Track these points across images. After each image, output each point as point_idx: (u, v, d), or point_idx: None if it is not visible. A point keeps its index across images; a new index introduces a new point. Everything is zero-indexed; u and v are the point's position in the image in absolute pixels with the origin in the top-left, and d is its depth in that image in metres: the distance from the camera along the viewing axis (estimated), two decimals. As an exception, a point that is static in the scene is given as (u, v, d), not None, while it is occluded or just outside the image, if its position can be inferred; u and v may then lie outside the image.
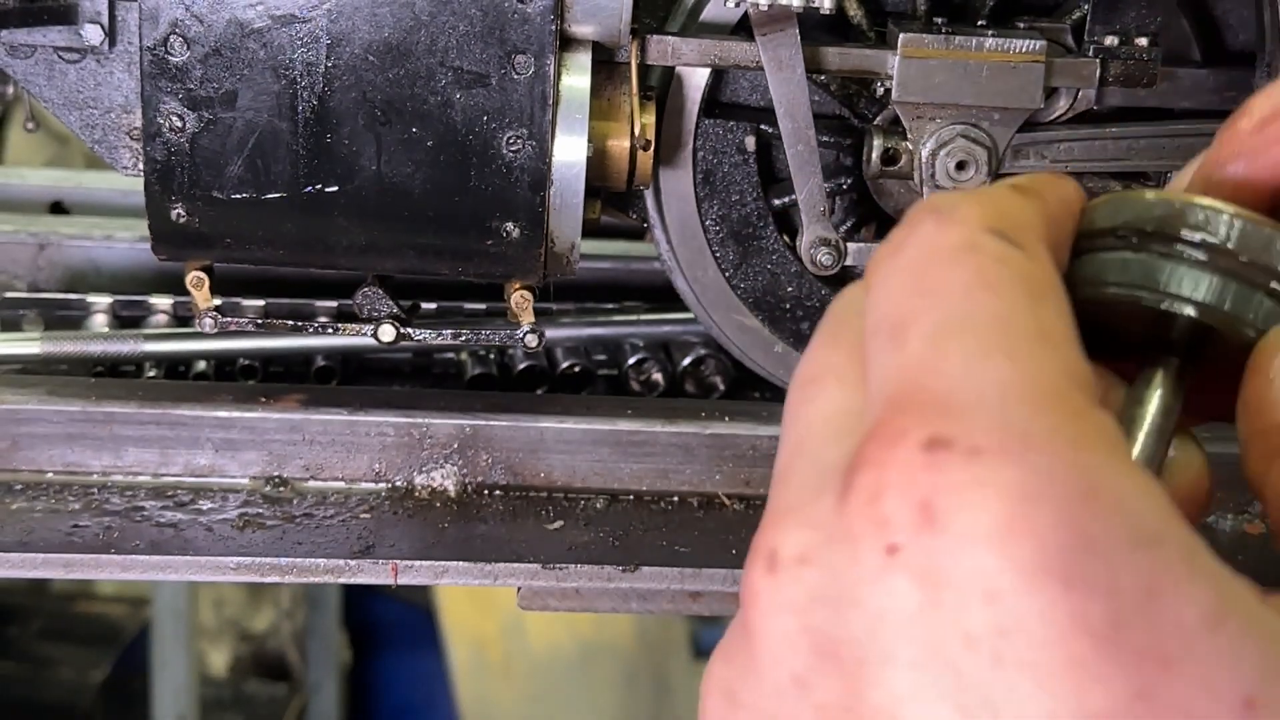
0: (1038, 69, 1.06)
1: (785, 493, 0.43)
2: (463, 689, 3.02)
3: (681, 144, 1.12)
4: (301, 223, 1.03)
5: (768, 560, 0.41)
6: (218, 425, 1.12)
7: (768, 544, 0.41)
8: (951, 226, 0.43)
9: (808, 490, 0.42)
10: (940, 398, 0.39)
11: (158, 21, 0.98)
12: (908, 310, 0.42)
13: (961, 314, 0.41)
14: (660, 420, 1.16)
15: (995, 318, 0.40)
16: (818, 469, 0.42)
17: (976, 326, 0.40)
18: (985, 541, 0.37)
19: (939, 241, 0.43)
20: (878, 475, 0.38)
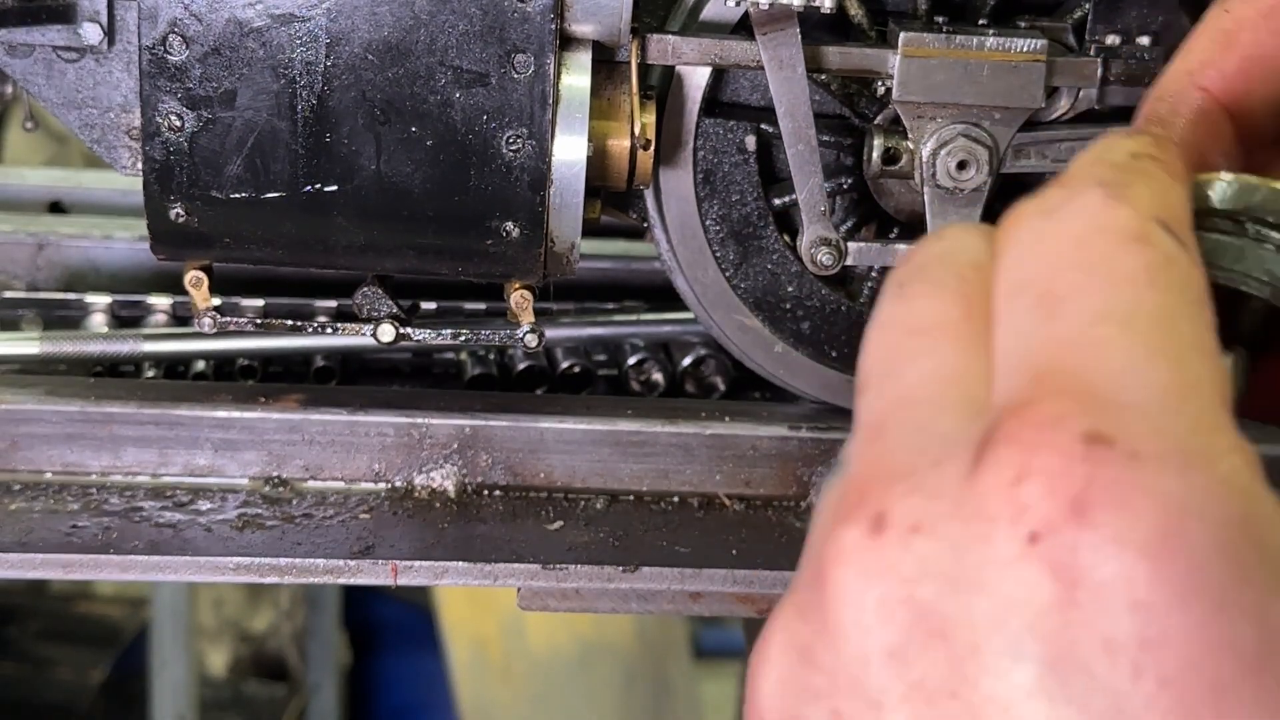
0: (1039, 68, 1.06)
1: (888, 453, 0.40)
2: (462, 689, 3.02)
3: (682, 143, 1.12)
4: (301, 222, 1.02)
5: (874, 522, 0.39)
6: (217, 425, 1.12)
7: (873, 505, 0.39)
8: (1122, 208, 0.41)
9: (923, 456, 0.40)
10: (1103, 390, 0.37)
11: (157, 20, 0.98)
12: (1066, 283, 0.40)
13: (1128, 305, 0.39)
14: (660, 420, 1.15)
15: (1161, 319, 0.39)
16: (935, 435, 0.40)
17: (1143, 323, 0.39)
18: (1139, 550, 0.36)
19: (1108, 221, 0.41)
20: (1026, 458, 0.37)
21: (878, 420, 0.42)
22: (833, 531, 0.40)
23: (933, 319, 0.43)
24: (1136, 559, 0.36)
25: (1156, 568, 0.35)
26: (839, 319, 1.17)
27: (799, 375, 1.18)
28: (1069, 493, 0.36)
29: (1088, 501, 0.36)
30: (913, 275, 0.44)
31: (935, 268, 0.44)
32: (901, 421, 0.41)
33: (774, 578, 1.07)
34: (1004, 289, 0.42)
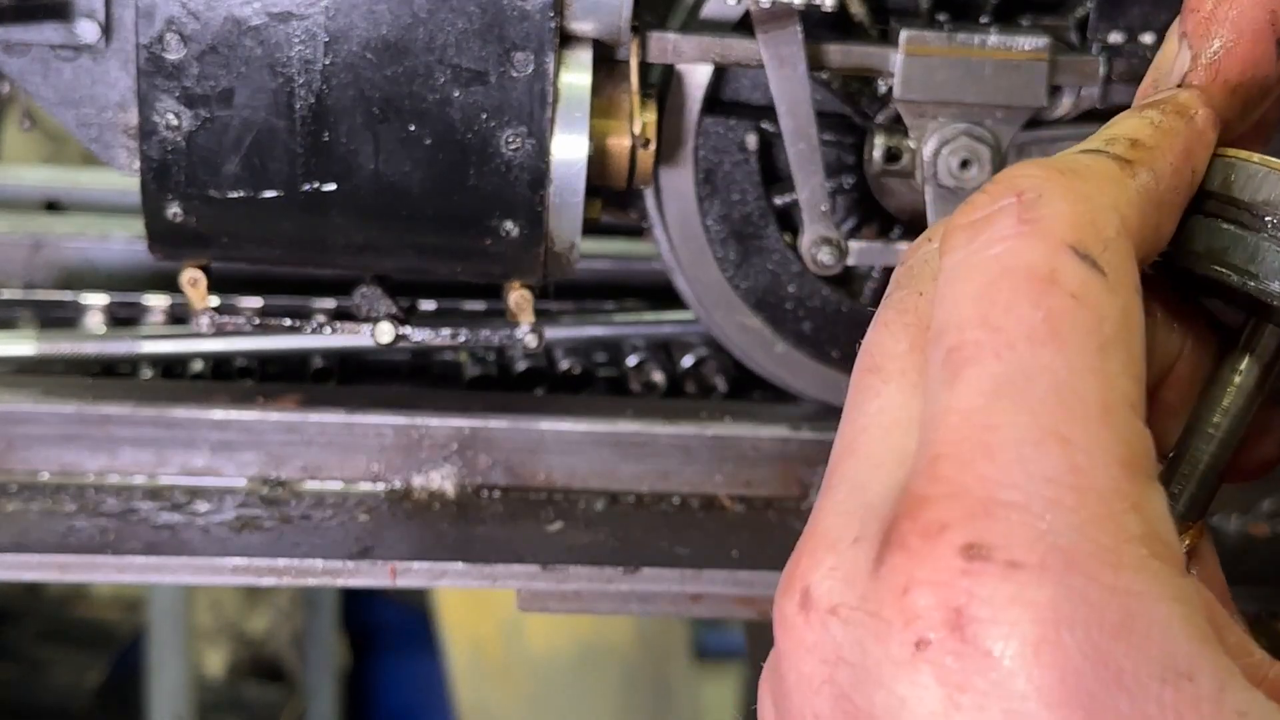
0: (1041, 66, 1.06)
1: (827, 514, 0.43)
2: (461, 691, 3.01)
3: (682, 142, 1.11)
4: (299, 221, 1.02)
5: (802, 596, 0.42)
6: (214, 426, 1.11)
7: (804, 575, 0.42)
8: (1032, 239, 0.41)
9: (848, 525, 0.42)
10: (988, 488, 0.38)
11: (153, 18, 0.98)
12: (969, 341, 0.41)
13: (1023, 372, 0.40)
14: (660, 420, 1.15)
15: (1057, 386, 0.39)
16: (862, 500, 0.42)
17: (1037, 395, 0.39)
18: (1013, 661, 0.37)
19: (1015, 258, 0.41)
20: (912, 567, 0.39)
21: (832, 465, 0.45)
22: (777, 600, 0.44)
23: (884, 354, 0.45)
24: (1011, 670, 0.37)
25: (1029, 678, 0.37)
26: (840, 319, 1.17)
27: (800, 375, 1.17)
28: (951, 605, 0.38)
29: (966, 614, 0.38)
30: (893, 288, 0.46)
31: (905, 280, 0.46)
32: (844, 475, 0.44)
33: (774, 579, 1.06)
34: (933, 332, 0.43)
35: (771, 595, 1.07)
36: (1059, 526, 0.38)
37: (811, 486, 1.15)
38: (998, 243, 0.42)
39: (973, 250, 0.42)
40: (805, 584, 0.42)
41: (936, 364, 0.41)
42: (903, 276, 0.46)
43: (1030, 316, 0.40)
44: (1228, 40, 0.50)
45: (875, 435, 0.43)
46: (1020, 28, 1.08)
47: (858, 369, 0.45)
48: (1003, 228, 0.42)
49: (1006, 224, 0.42)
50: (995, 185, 0.43)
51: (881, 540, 0.40)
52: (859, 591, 0.40)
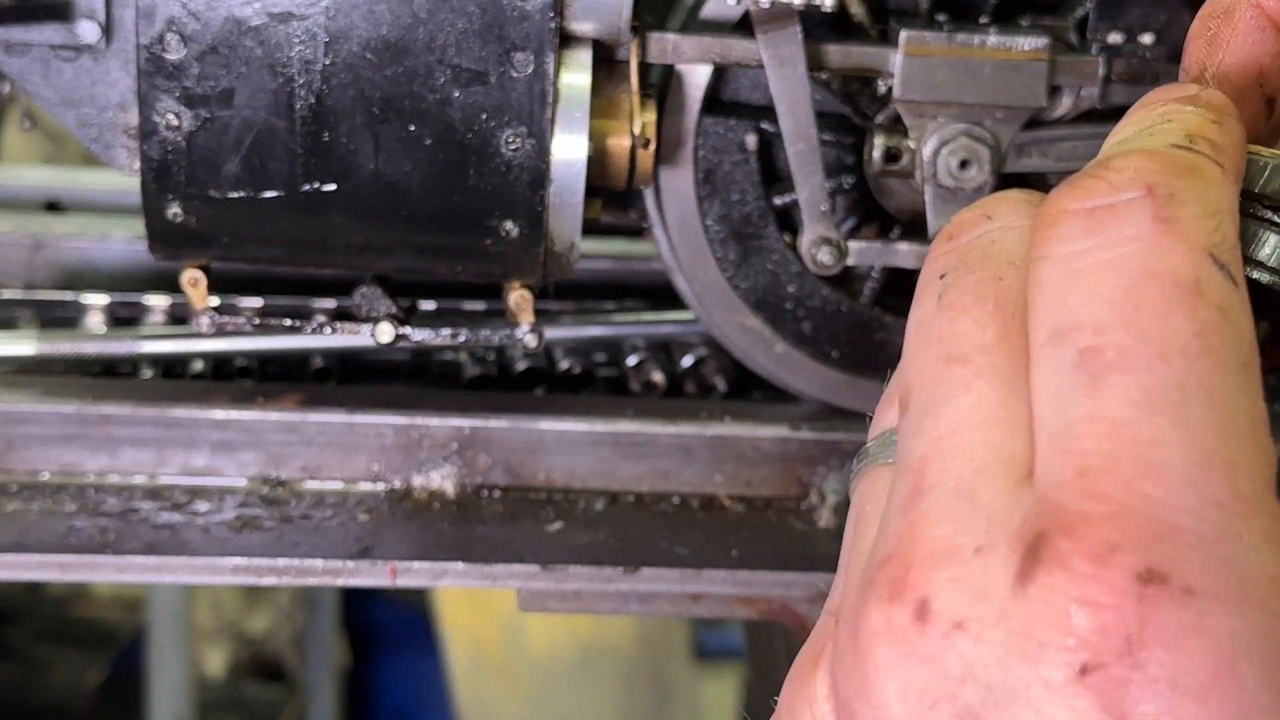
0: (1041, 67, 1.06)
1: (930, 524, 0.40)
2: (461, 691, 3.01)
3: (682, 143, 1.11)
4: (299, 221, 1.02)
5: (918, 607, 0.39)
6: (214, 426, 1.11)
7: (918, 585, 0.40)
8: (1174, 242, 0.39)
9: (965, 535, 0.40)
10: (1155, 512, 0.37)
11: (154, 19, 0.98)
12: (1112, 344, 0.38)
13: (1180, 388, 0.38)
14: (660, 420, 1.15)
15: (1215, 404, 0.38)
16: (978, 507, 0.40)
17: (1196, 414, 0.38)
18: (1189, 692, 0.36)
19: (1159, 261, 0.39)
20: (1079, 589, 0.37)
21: (918, 467, 0.42)
22: (875, 607, 0.41)
23: (969, 343, 0.42)
24: (1186, 700, 0.36)
25: (1205, 709, 0.36)
26: (840, 319, 1.17)
27: (799, 375, 1.17)
28: (1123, 631, 0.36)
29: (1141, 640, 0.36)
30: (954, 267, 0.43)
31: (976, 262, 0.43)
32: (941, 478, 0.41)
33: (774, 579, 1.07)
34: (1044, 326, 0.40)
35: (771, 595, 1.07)
36: (1233, 556, 0.37)
37: (812, 486, 1.15)
38: (1131, 241, 0.39)
39: (1099, 244, 0.39)
40: (922, 595, 0.39)
41: (1064, 366, 0.39)
42: (969, 256, 0.43)
43: (1183, 329, 0.38)
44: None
45: (973, 435, 0.41)
46: (1020, 28, 1.08)
47: (935, 358, 0.42)
48: (1135, 224, 0.39)
49: (1139, 221, 0.39)
50: (1115, 173, 0.41)
51: (1026, 555, 0.38)
52: (997, 608, 0.38)
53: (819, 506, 1.14)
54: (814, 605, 1.07)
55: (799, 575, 1.07)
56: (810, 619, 1.07)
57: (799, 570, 1.07)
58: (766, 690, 1.38)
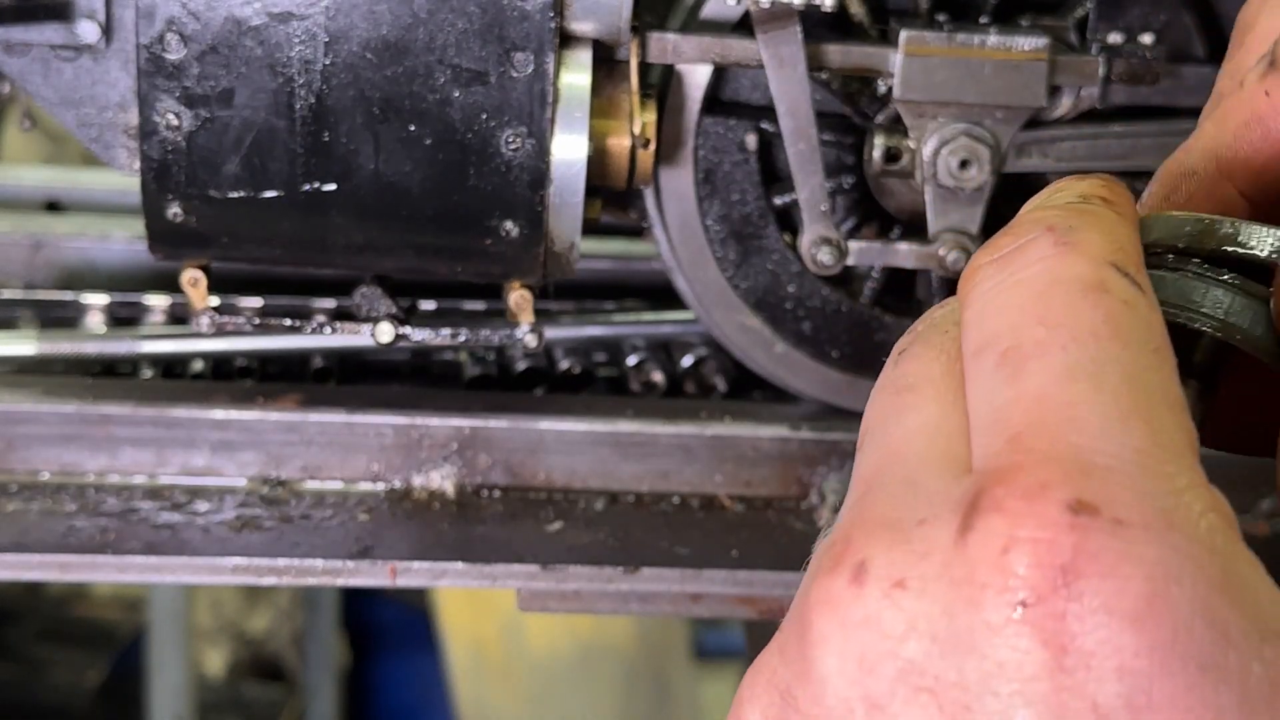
0: (1041, 67, 1.06)
1: (874, 505, 0.42)
2: (461, 691, 3.01)
3: (682, 142, 1.11)
4: (299, 221, 1.02)
5: (854, 571, 0.40)
6: (214, 426, 1.11)
7: (855, 553, 0.41)
8: (1076, 255, 0.42)
9: (908, 509, 0.41)
10: (1082, 453, 0.39)
11: (154, 18, 0.98)
12: (1028, 339, 0.41)
13: (1095, 360, 0.40)
14: (660, 420, 1.15)
15: (1129, 374, 0.40)
16: (921, 491, 0.41)
17: (1112, 379, 0.40)
18: (1126, 617, 0.37)
19: (1063, 270, 0.42)
20: (1013, 526, 0.38)
21: (868, 475, 0.44)
22: (816, 579, 0.42)
23: (917, 376, 0.45)
24: (1123, 626, 0.37)
25: (1143, 634, 0.37)
26: (840, 319, 1.17)
27: (799, 375, 1.17)
28: (1056, 562, 0.37)
29: (1075, 570, 0.37)
30: (909, 341, 0.47)
31: (925, 328, 0.47)
32: (888, 476, 0.43)
33: (774, 579, 1.07)
34: (970, 346, 0.43)
35: (771, 595, 1.08)
36: (1157, 491, 0.38)
37: (811, 486, 1.15)
38: (1036, 263, 0.42)
39: (1010, 273, 0.43)
40: (860, 558, 0.40)
41: (988, 368, 0.41)
42: (920, 329, 0.47)
43: (1091, 315, 0.41)
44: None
45: (921, 442, 0.43)
46: (1020, 28, 1.08)
47: (885, 392, 0.45)
48: (1039, 250, 0.43)
49: (1043, 247, 0.43)
50: (1019, 226, 0.44)
51: (965, 513, 0.39)
52: (937, 562, 0.39)
53: (819, 506, 1.14)
54: (814, 605, 1.07)
55: (799, 575, 1.07)
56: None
57: (799, 570, 1.07)
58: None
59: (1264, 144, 0.50)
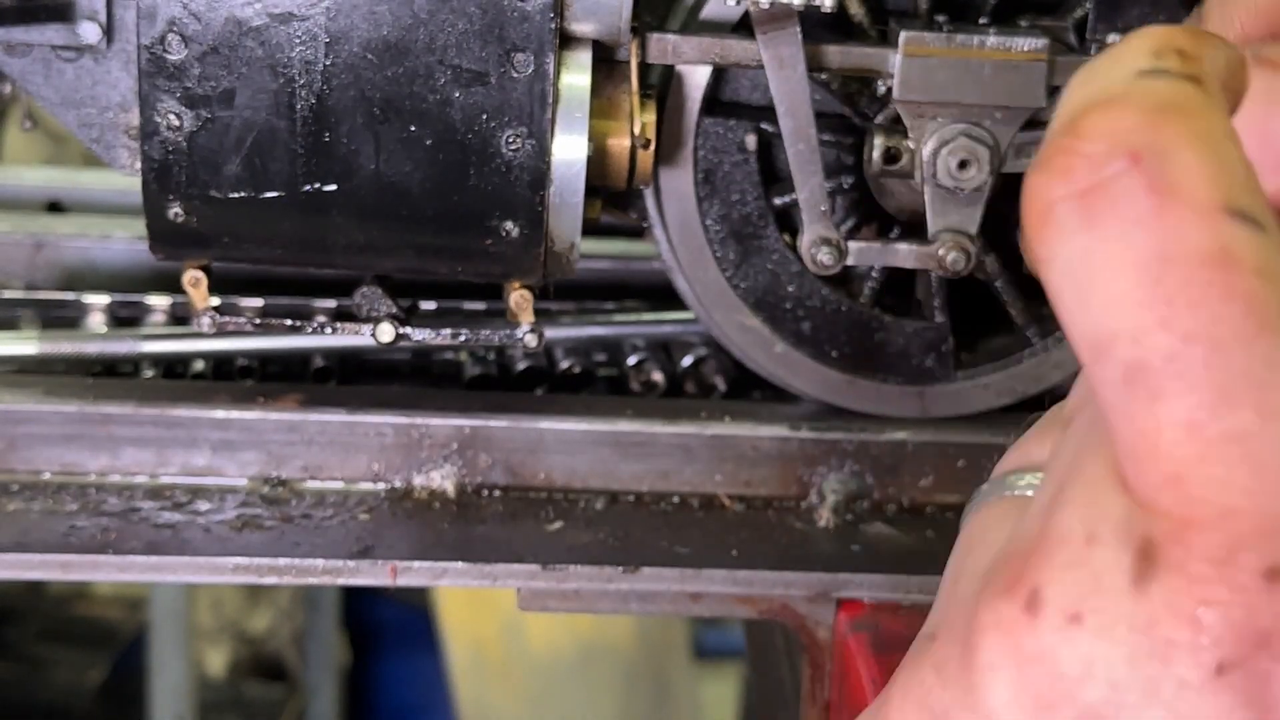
0: (1040, 67, 1.06)
1: (1052, 516, 0.39)
2: (462, 690, 3.02)
3: (682, 143, 1.12)
4: (300, 222, 1.02)
5: (1028, 598, 0.38)
6: (215, 425, 1.11)
7: (1029, 579, 0.38)
8: (1184, 214, 0.35)
9: (1076, 521, 0.38)
10: (1265, 512, 0.36)
11: (155, 19, 0.98)
12: (1154, 352, 0.36)
13: (1245, 374, 0.35)
14: (660, 420, 1.15)
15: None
16: (1088, 503, 0.38)
17: (1274, 398, 0.35)
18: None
19: (1176, 244, 0.35)
20: (1201, 590, 0.36)
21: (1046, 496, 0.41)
22: (986, 601, 0.39)
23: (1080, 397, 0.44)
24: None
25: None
26: (840, 319, 1.17)
27: (799, 375, 1.17)
28: (1257, 626, 0.36)
29: (1276, 635, 0.36)
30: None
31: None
32: (1065, 494, 0.40)
33: (774, 579, 1.07)
34: (1080, 341, 0.37)
35: (771, 594, 1.07)
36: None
37: (811, 486, 1.15)
38: (1136, 226, 0.36)
39: (1102, 237, 0.36)
40: (1034, 584, 0.38)
41: (1116, 383, 0.36)
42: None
43: (1228, 311, 0.35)
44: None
45: (1086, 466, 0.40)
46: (1019, 29, 1.08)
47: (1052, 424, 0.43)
48: (1132, 204, 0.36)
49: (1136, 199, 0.36)
50: (1089, 142, 0.36)
51: (1137, 556, 0.36)
52: (1113, 600, 0.37)
53: (819, 506, 1.14)
54: (814, 604, 1.07)
55: (799, 575, 1.07)
56: (810, 618, 1.07)
57: (799, 570, 1.07)
58: (766, 690, 1.38)
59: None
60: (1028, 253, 0.39)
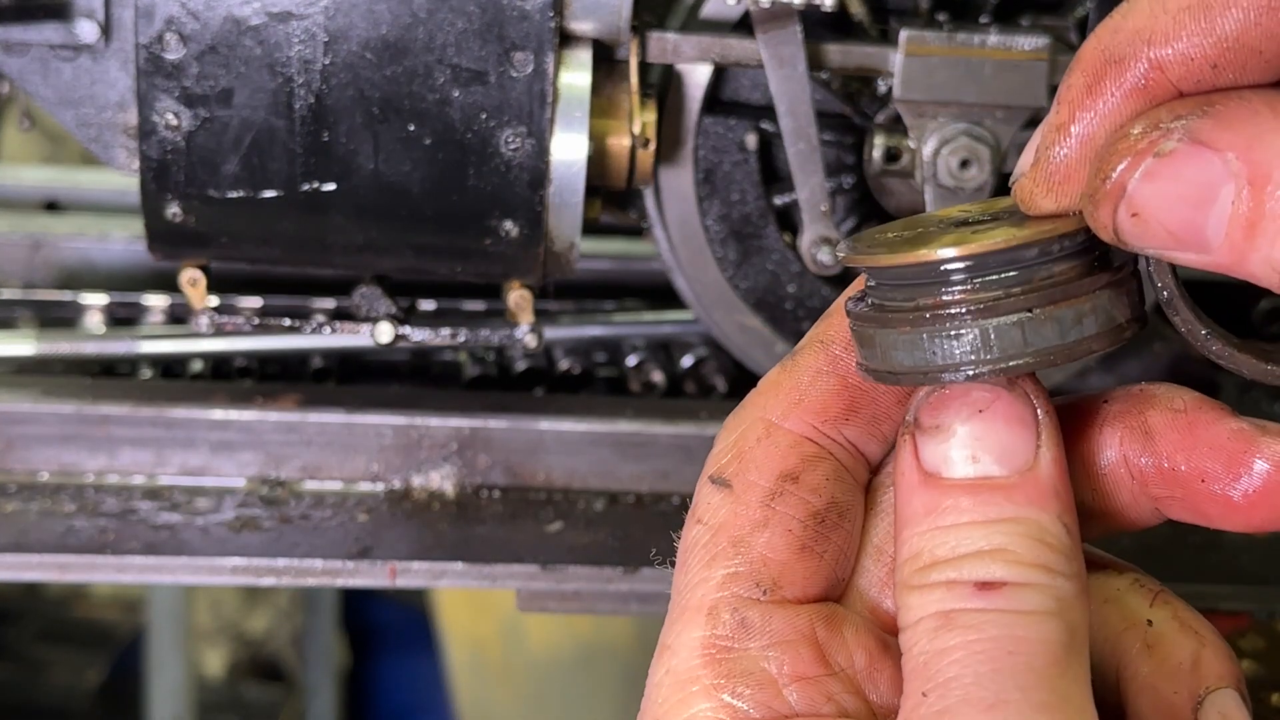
0: (1041, 66, 1.05)
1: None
2: (461, 691, 3.01)
3: (682, 142, 1.11)
4: (298, 221, 1.02)
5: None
6: (214, 426, 1.11)
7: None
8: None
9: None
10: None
11: (153, 18, 0.97)
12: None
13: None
14: (660, 420, 1.15)
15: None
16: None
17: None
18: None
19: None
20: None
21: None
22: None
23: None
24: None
25: None
26: (840, 319, 1.17)
27: (800, 375, 1.17)
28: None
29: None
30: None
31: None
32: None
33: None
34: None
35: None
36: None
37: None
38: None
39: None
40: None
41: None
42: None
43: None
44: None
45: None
46: (1020, 28, 1.08)
47: None
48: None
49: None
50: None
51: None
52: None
53: (819, 507, 1.14)
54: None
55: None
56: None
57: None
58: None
59: (1207, 36, 0.44)
60: None
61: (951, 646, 0.44)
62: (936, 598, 0.45)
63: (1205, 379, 1.26)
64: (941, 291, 0.45)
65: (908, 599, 0.46)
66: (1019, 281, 0.45)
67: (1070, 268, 0.45)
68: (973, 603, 0.45)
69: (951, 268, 0.45)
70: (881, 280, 0.47)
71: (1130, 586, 0.52)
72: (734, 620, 0.50)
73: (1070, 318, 0.45)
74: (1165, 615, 0.51)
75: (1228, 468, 0.48)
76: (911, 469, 0.47)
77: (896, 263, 0.45)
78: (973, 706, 0.43)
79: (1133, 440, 0.49)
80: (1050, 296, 0.45)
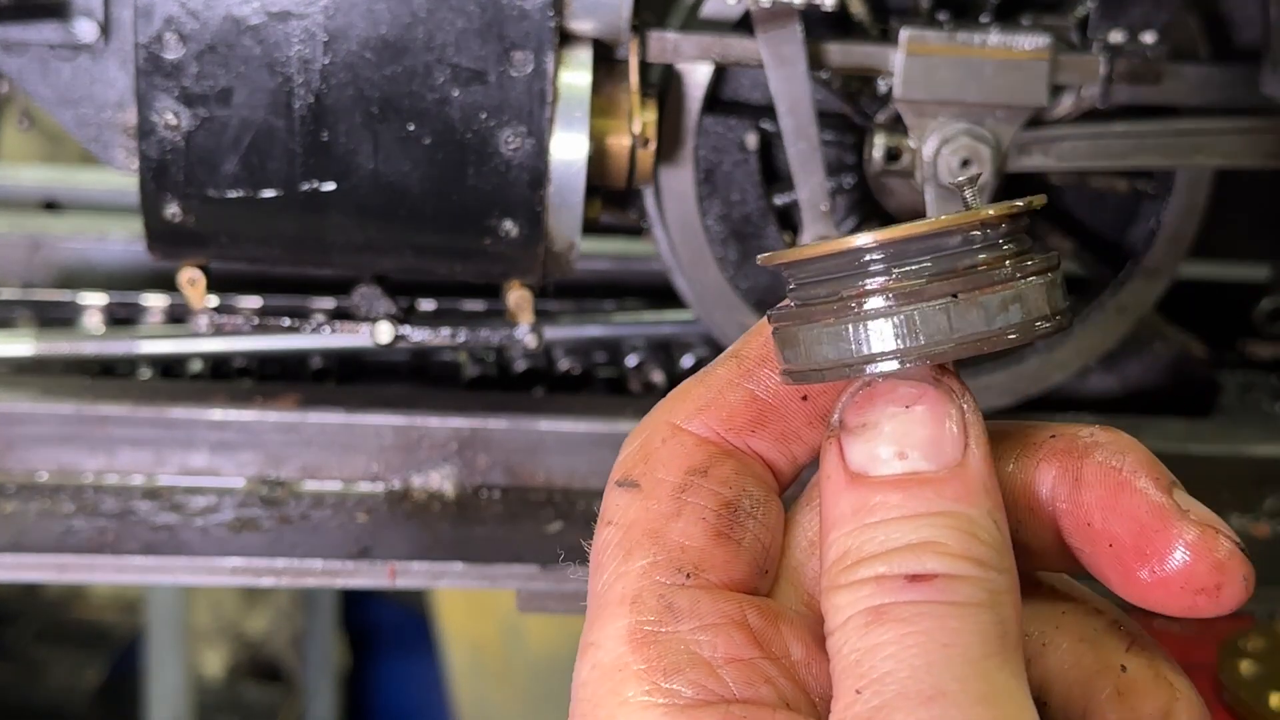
0: (1042, 65, 1.05)
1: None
2: (461, 692, 3.01)
3: (682, 142, 1.11)
4: (297, 221, 1.01)
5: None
6: (213, 426, 1.11)
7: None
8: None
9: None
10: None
11: (152, 17, 0.97)
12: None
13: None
14: (660, 421, 1.14)
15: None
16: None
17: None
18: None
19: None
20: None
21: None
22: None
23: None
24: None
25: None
26: (840, 319, 1.16)
27: (800, 375, 1.17)
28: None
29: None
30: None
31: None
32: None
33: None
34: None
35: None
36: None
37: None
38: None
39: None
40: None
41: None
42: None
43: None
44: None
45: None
46: (1021, 27, 1.08)
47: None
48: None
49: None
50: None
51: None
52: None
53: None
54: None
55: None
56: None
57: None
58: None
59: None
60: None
61: (884, 641, 0.44)
62: (866, 593, 0.45)
63: (1205, 379, 1.26)
64: (864, 281, 0.45)
65: (835, 599, 0.45)
66: (942, 268, 0.44)
67: (994, 257, 0.45)
68: (905, 595, 0.44)
69: (872, 256, 0.44)
70: (803, 278, 0.46)
71: (1107, 628, 0.51)
72: (659, 605, 0.49)
73: (996, 304, 0.45)
74: (1140, 663, 0.50)
75: (1135, 539, 0.47)
76: (838, 470, 0.47)
77: (817, 254, 0.45)
78: (910, 700, 0.42)
79: (1063, 482, 0.49)
80: (975, 282, 0.44)
